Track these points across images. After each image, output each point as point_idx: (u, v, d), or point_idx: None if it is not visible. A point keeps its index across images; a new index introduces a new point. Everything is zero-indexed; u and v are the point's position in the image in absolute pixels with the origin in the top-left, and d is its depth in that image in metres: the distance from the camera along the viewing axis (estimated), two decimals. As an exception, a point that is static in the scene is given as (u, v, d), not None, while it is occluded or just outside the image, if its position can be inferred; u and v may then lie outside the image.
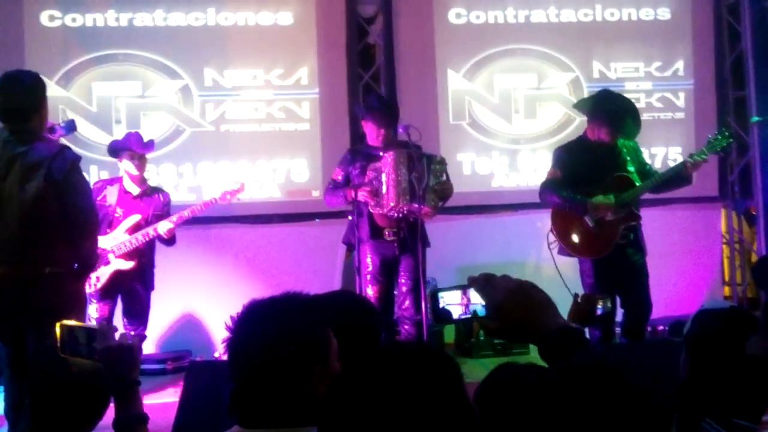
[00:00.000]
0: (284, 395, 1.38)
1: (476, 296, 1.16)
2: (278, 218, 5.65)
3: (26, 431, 1.71)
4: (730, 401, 1.47)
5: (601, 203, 4.13)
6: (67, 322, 1.61)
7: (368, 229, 4.37)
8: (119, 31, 5.45)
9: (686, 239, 5.89)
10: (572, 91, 5.93)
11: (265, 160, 5.59)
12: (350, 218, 4.51)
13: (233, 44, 5.58)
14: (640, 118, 4.36)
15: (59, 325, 1.60)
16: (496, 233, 5.72)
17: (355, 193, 4.34)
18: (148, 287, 4.46)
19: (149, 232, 4.35)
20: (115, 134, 5.23)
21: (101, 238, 4.23)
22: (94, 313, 4.32)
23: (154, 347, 5.12)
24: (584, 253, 4.25)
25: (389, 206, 4.30)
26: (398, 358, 0.93)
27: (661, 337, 5.15)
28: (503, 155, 5.87)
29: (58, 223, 3.17)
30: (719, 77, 6.09)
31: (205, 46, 5.55)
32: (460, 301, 1.18)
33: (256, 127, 5.61)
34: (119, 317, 4.47)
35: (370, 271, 4.43)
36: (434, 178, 4.35)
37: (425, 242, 4.44)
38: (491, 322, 1.14)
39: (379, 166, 4.34)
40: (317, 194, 5.66)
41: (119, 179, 4.49)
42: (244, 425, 1.41)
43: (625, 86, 5.94)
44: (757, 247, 6.23)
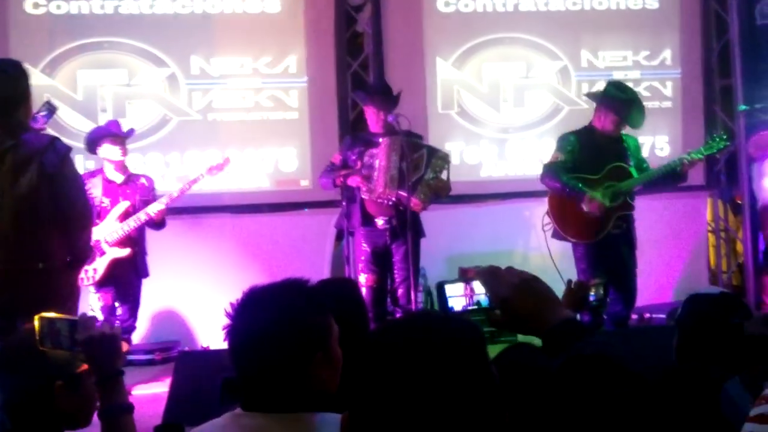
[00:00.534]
0: (285, 382, 1.38)
1: (480, 288, 1.18)
2: (267, 208, 5.62)
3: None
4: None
5: (595, 200, 4.25)
6: (46, 314, 1.57)
7: (360, 216, 4.39)
8: (105, 18, 5.38)
9: (673, 227, 5.93)
10: (560, 80, 5.94)
11: (253, 149, 5.56)
12: (343, 204, 4.52)
13: (220, 32, 5.53)
14: (644, 109, 4.51)
15: (38, 317, 1.55)
16: (484, 223, 5.73)
17: (344, 179, 4.35)
18: (140, 275, 4.45)
19: (140, 216, 4.33)
20: (101, 123, 5.18)
21: (93, 229, 4.21)
22: (96, 302, 4.30)
23: (141, 337, 5.09)
24: (577, 236, 4.37)
25: (377, 192, 4.31)
26: (423, 323, 0.94)
27: (648, 324, 5.20)
28: (492, 144, 5.88)
29: (51, 216, 3.13)
30: (706, 66, 6.12)
31: (191, 33, 5.50)
32: (464, 292, 1.20)
33: (243, 115, 5.57)
34: None
35: (362, 259, 4.45)
36: (432, 172, 4.34)
37: (419, 232, 4.45)
38: (496, 314, 1.16)
39: (376, 152, 4.34)
40: (306, 183, 5.65)
41: (100, 170, 4.45)
42: (246, 408, 1.41)
43: (613, 75, 5.96)
44: (742, 235, 6.28)
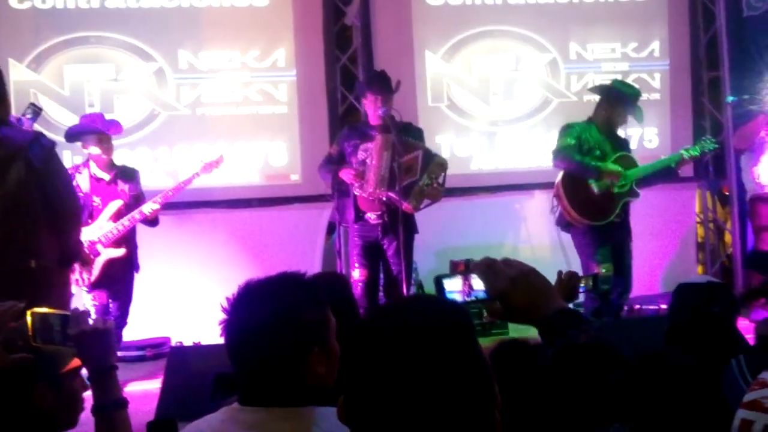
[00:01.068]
0: (283, 376, 1.37)
1: (478, 283, 1.19)
2: (256, 202, 5.60)
3: None
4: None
5: (612, 170, 4.46)
6: (38, 309, 1.55)
7: (353, 211, 4.39)
8: (91, 13, 5.33)
9: (661, 219, 5.96)
10: (550, 72, 5.95)
11: (242, 143, 5.53)
12: (340, 197, 4.52)
13: (208, 26, 5.50)
14: None
15: (30, 313, 1.54)
16: (475, 216, 5.73)
17: (333, 173, 4.37)
18: (133, 268, 4.41)
19: (134, 216, 4.27)
20: (88, 118, 5.14)
21: (86, 229, 4.17)
22: (90, 301, 4.25)
23: (132, 334, 5.06)
24: (588, 217, 4.47)
25: (368, 191, 4.31)
26: (411, 307, 0.94)
27: (637, 315, 5.23)
28: (482, 137, 5.88)
29: (41, 213, 3.09)
30: (694, 58, 6.14)
31: (179, 28, 5.46)
32: (462, 287, 1.19)
33: (232, 110, 5.54)
34: None
35: (355, 253, 4.46)
36: (428, 178, 4.32)
37: (412, 228, 4.45)
38: (496, 305, 1.18)
39: (370, 147, 4.33)
40: (296, 178, 5.63)
41: (85, 165, 4.36)
42: (243, 403, 1.40)
43: (601, 67, 5.98)
44: (730, 226, 6.33)
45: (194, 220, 5.41)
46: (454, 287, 1.19)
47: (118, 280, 4.35)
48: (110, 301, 4.37)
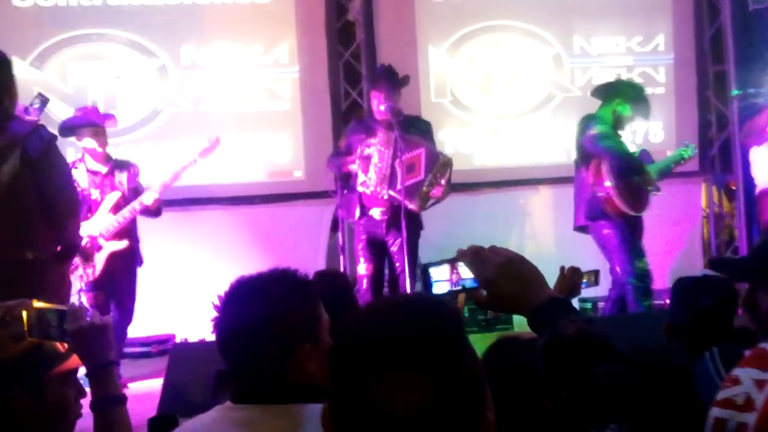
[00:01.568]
0: (274, 372, 1.36)
1: (466, 271, 1.16)
2: (260, 199, 5.60)
3: None
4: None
5: (649, 177, 4.52)
6: (36, 304, 1.52)
7: (358, 207, 4.39)
8: (93, 10, 5.34)
9: (668, 214, 5.92)
10: (554, 67, 5.92)
11: (245, 140, 5.52)
12: (344, 193, 4.52)
13: (210, 22, 5.49)
14: None
15: (25, 307, 1.49)
16: (479, 212, 5.71)
17: (338, 168, 4.40)
18: (135, 262, 4.37)
19: (135, 206, 4.22)
20: (91, 116, 5.14)
21: (85, 224, 4.15)
22: (88, 302, 4.22)
23: (137, 330, 5.07)
24: (630, 207, 4.42)
25: (371, 189, 4.32)
26: (396, 307, 0.89)
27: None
28: (485, 133, 5.86)
29: (37, 204, 3.09)
30: (699, 52, 6.11)
31: (181, 24, 5.46)
32: (449, 276, 1.17)
33: (235, 106, 5.54)
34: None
35: (360, 248, 4.47)
36: (432, 177, 4.29)
37: (418, 225, 4.44)
38: (481, 294, 1.14)
39: (373, 143, 4.32)
40: (299, 175, 5.62)
41: (81, 160, 4.31)
42: (235, 401, 1.39)
43: (605, 62, 5.95)
44: (737, 221, 6.29)
45: (198, 217, 5.41)
46: (441, 275, 1.17)
47: (121, 274, 4.32)
48: (110, 300, 4.34)
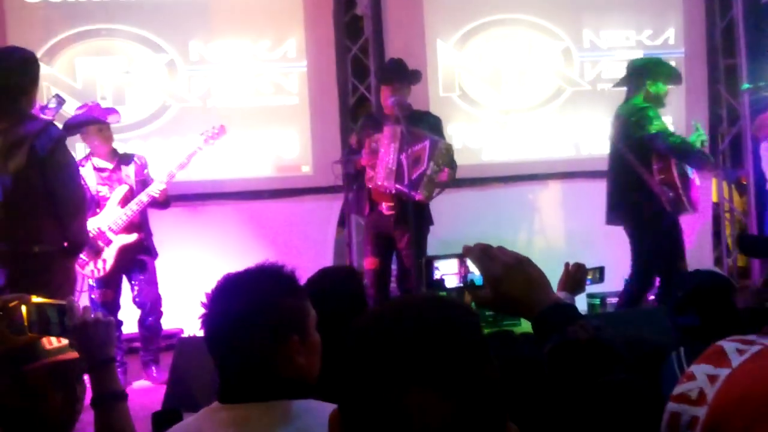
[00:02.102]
0: (261, 367, 1.35)
1: (473, 267, 1.14)
2: (268, 194, 5.60)
3: None
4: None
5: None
6: (35, 299, 1.50)
7: (367, 202, 4.40)
8: (102, 5, 5.34)
9: (677, 209, 5.88)
10: (563, 61, 5.88)
11: (253, 135, 5.52)
12: (355, 189, 4.52)
13: (218, 17, 5.49)
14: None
15: (25, 303, 1.48)
16: (487, 207, 5.69)
17: (345, 164, 4.39)
18: (152, 259, 4.38)
19: (142, 198, 4.22)
20: (101, 111, 5.15)
21: (94, 219, 4.17)
22: (98, 299, 4.22)
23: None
24: (691, 205, 4.40)
25: (378, 184, 4.32)
26: (414, 307, 0.84)
27: (653, 304, 5.18)
28: (494, 127, 5.83)
29: (43, 201, 3.12)
30: (710, 45, 6.05)
31: (189, 19, 5.45)
32: (457, 270, 1.15)
33: (243, 101, 5.54)
34: (127, 297, 4.40)
35: (367, 243, 4.48)
36: (435, 165, 4.28)
37: (427, 220, 4.43)
38: (484, 293, 1.12)
39: (379, 138, 4.32)
40: (307, 169, 5.62)
41: (87, 158, 4.32)
42: (222, 401, 1.38)
43: (615, 55, 5.90)
44: (748, 216, 6.24)
45: (206, 212, 5.42)
46: (447, 270, 1.16)
47: (141, 269, 4.32)
48: (119, 296, 4.37)
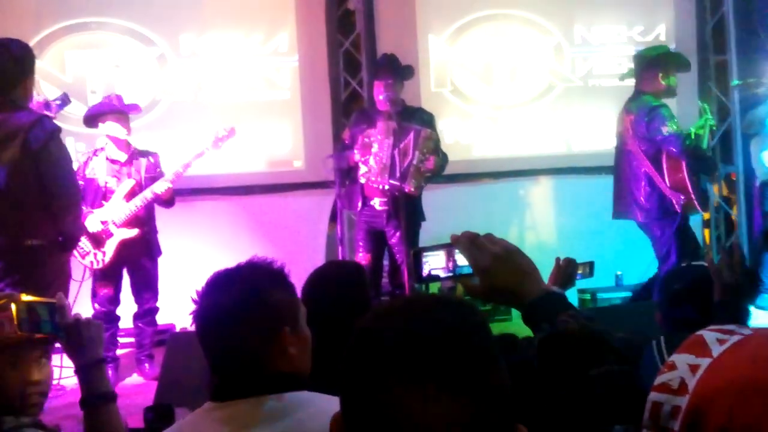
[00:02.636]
0: (256, 361, 1.35)
1: (462, 259, 1.13)
2: (259, 189, 5.59)
3: None
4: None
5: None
6: (24, 297, 1.49)
7: (359, 197, 4.40)
8: (92, -2, 5.31)
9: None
10: (554, 56, 5.89)
11: (245, 130, 5.48)
12: (347, 184, 4.51)
13: (210, 11, 5.46)
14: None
15: (15, 301, 1.47)
16: (478, 202, 5.70)
17: (336, 159, 4.39)
18: (154, 256, 4.37)
19: (146, 195, 4.21)
20: (90, 104, 5.12)
21: (99, 210, 4.17)
22: (98, 290, 4.22)
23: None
24: (701, 206, 4.41)
25: (372, 180, 4.31)
26: (422, 308, 0.80)
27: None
28: (485, 123, 5.84)
29: (37, 194, 3.09)
30: (700, 42, 6.07)
31: (181, 12, 5.43)
32: (444, 263, 1.15)
33: (235, 96, 5.52)
34: (126, 292, 4.39)
35: (359, 239, 4.48)
36: (420, 154, 4.28)
37: (418, 216, 4.44)
38: (474, 282, 1.11)
39: (373, 133, 4.32)
40: (299, 164, 5.61)
41: (102, 149, 4.33)
42: (216, 399, 1.37)
43: (606, 51, 5.92)
44: (737, 212, 6.27)
45: (197, 207, 5.39)
46: (437, 262, 1.15)
47: (138, 267, 4.31)
48: (131, 291, 4.35)
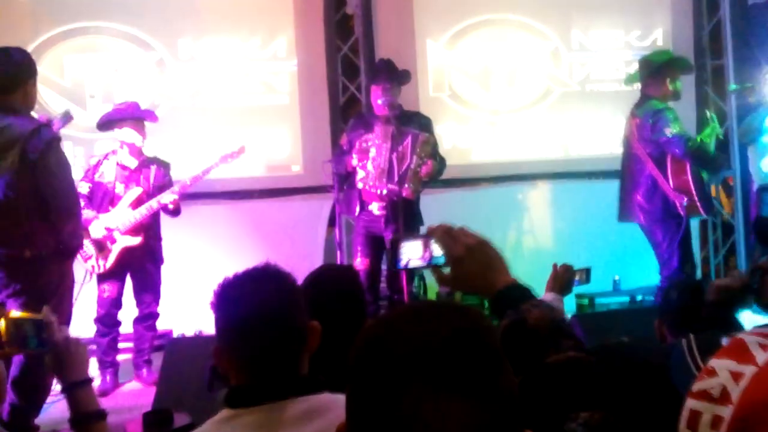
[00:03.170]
0: (293, 361, 1.37)
1: (438, 250, 1.19)
2: (258, 194, 5.59)
3: None
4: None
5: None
6: (13, 314, 1.48)
7: (357, 202, 4.40)
8: (90, 3, 5.32)
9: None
10: (552, 61, 5.91)
11: (243, 134, 5.50)
12: (345, 188, 4.52)
13: (208, 15, 5.47)
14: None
15: (3, 318, 1.47)
16: (476, 207, 5.71)
17: (335, 164, 4.39)
18: (157, 262, 4.38)
19: (152, 204, 4.23)
20: (89, 109, 5.14)
21: (104, 216, 4.17)
22: (102, 294, 4.24)
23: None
24: (705, 209, 4.43)
25: (370, 184, 4.32)
26: (430, 315, 0.79)
27: (640, 306, 5.22)
28: (483, 127, 5.85)
29: (35, 204, 3.08)
30: (697, 46, 6.09)
31: (179, 17, 5.44)
32: (421, 253, 1.20)
33: (233, 100, 5.53)
34: (127, 296, 4.39)
35: (358, 243, 4.48)
36: (418, 158, 4.30)
37: (417, 220, 4.44)
38: (445, 272, 1.18)
39: (371, 138, 4.32)
40: (297, 169, 5.62)
41: (113, 152, 4.34)
42: (240, 405, 1.32)
43: (604, 56, 5.93)
44: (735, 216, 6.29)
45: (196, 211, 5.38)
46: (413, 252, 1.20)
47: (141, 272, 4.31)
48: (134, 295, 4.36)
